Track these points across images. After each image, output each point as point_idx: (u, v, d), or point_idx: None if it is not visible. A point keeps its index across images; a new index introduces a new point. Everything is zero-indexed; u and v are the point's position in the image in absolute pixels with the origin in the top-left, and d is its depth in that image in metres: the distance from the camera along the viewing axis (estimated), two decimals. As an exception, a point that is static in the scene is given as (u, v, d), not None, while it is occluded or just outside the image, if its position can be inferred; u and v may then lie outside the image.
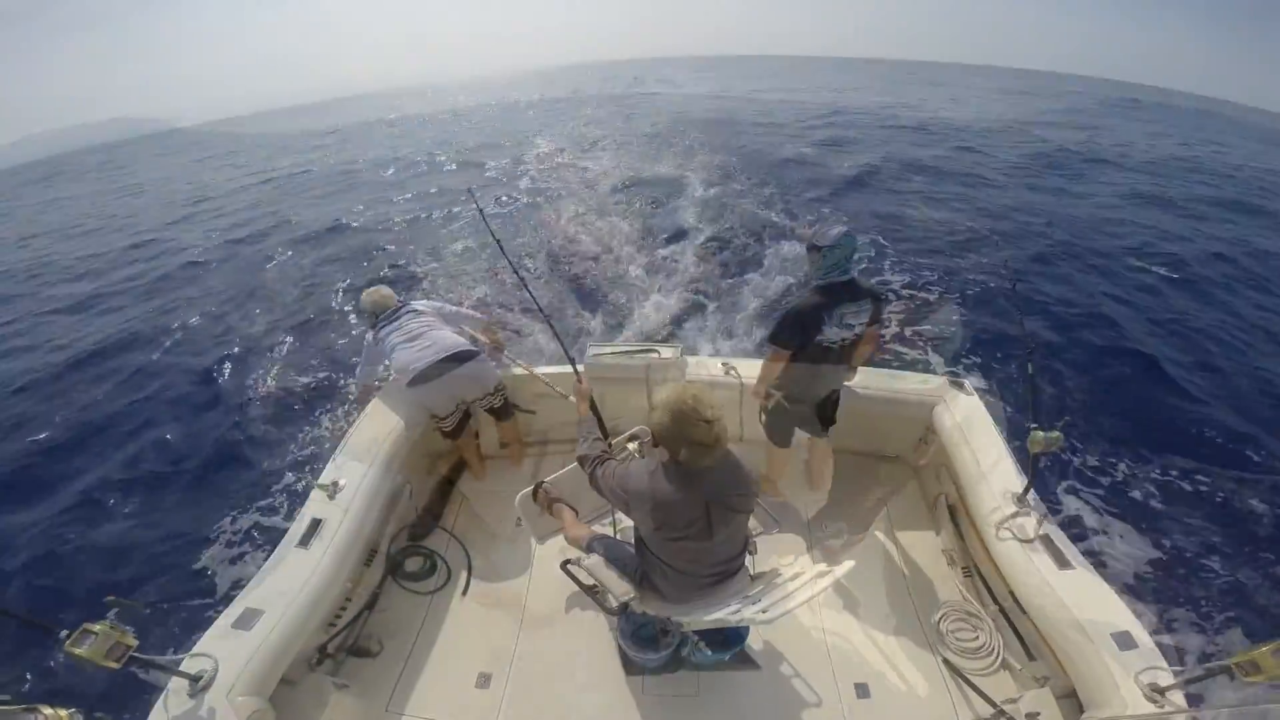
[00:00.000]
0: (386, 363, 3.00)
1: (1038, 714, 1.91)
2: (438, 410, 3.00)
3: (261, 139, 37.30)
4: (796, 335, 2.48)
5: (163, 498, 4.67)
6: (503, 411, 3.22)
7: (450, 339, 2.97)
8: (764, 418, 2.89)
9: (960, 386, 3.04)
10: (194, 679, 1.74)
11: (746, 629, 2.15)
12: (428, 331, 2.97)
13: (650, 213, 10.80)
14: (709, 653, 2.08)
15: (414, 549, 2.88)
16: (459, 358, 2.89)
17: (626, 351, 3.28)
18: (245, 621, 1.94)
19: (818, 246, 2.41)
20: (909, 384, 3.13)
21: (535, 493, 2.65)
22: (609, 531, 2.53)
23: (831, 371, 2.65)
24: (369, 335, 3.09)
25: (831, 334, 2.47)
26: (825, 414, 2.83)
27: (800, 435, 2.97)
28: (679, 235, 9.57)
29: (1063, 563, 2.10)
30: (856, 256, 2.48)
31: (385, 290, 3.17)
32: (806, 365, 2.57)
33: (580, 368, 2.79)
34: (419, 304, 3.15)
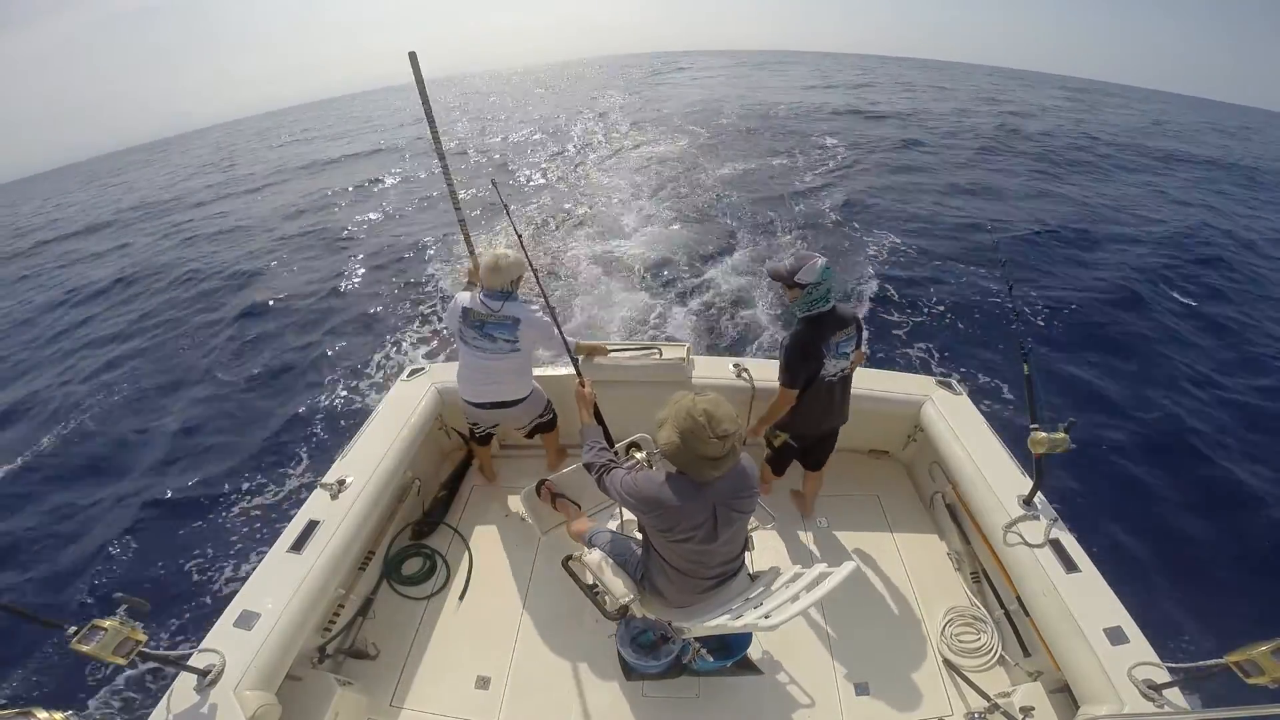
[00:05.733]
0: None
1: (1031, 708, 1.93)
2: (478, 421, 2.94)
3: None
4: (804, 369, 2.45)
5: (169, 490, 4.65)
6: (548, 425, 3.05)
7: (511, 386, 2.75)
8: (768, 454, 2.87)
9: (948, 386, 3.08)
10: (202, 674, 1.75)
11: (749, 637, 2.16)
12: (500, 371, 2.69)
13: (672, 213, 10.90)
14: (711, 660, 2.07)
15: (414, 549, 2.88)
16: (511, 404, 2.80)
17: (625, 351, 3.16)
18: (245, 621, 1.95)
19: (801, 284, 2.34)
20: (898, 383, 3.16)
21: (539, 489, 2.67)
22: (612, 525, 2.55)
23: (835, 407, 2.63)
24: (456, 297, 2.74)
25: (831, 366, 2.45)
26: (824, 451, 2.84)
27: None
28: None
29: (1070, 566, 2.11)
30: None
31: (505, 261, 2.55)
32: (811, 403, 2.55)
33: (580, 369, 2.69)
34: (523, 311, 2.60)
